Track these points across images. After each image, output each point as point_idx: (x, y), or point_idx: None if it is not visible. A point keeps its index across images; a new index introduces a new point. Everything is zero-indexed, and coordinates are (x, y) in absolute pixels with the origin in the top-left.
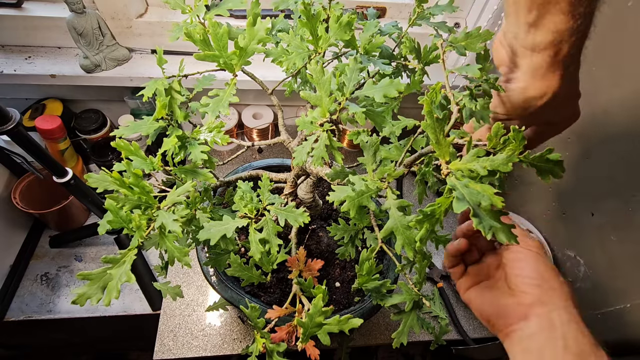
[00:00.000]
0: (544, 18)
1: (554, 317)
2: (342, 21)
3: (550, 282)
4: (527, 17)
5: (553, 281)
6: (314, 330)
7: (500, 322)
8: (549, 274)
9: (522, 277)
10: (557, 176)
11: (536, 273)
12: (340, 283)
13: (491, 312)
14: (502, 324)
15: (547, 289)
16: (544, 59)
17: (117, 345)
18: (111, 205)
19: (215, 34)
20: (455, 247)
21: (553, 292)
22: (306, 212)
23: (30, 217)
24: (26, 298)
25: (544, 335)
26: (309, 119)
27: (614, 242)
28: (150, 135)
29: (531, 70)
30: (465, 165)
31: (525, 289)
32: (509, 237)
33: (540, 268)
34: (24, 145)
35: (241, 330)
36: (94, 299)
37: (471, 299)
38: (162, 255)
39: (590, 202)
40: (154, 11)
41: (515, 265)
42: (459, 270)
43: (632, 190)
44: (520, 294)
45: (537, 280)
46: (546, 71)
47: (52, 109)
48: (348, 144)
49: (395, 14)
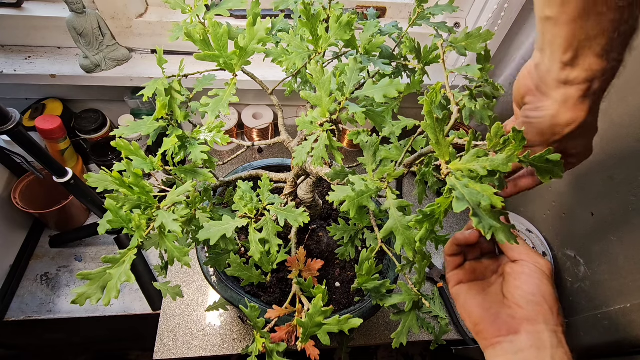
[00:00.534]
0: (579, 59)
1: (545, 338)
2: (342, 21)
3: (549, 304)
4: (562, 57)
5: (552, 304)
6: (314, 330)
7: (487, 329)
8: (550, 297)
9: (522, 290)
10: (557, 176)
11: (538, 291)
12: (340, 283)
13: (479, 316)
14: (490, 332)
15: (544, 310)
16: (576, 92)
17: (117, 345)
18: (111, 205)
19: (215, 34)
20: (465, 238)
21: (549, 314)
22: (306, 212)
23: (30, 217)
24: (26, 298)
25: (533, 353)
26: (309, 119)
27: (614, 242)
28: (150, 135)
29: (563, 100)
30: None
31: (522, 303)
32: (509, 237)
33: (542, 288)
34: (24, 145)
35: (241, 330)
36: (93, 299)
37: (459, 295)
38: (162, 255)
39: (590, 202)
40: (154, 11)
41: (518, 278)
42: (456, 262)
43: (632, 190)
44: (515, 306)
45: (536, 298)
46: (576, 102)
47: (52, 109)
48: (348, 144)
49: (395, 14)
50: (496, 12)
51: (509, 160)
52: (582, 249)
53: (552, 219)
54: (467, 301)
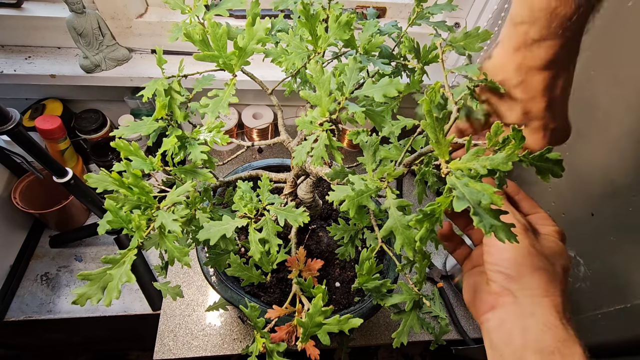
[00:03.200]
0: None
1: (516, 309)
2: (342, 21)
3: (522, 268)
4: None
5: (525, 267)
6: (314, 330)
7: (473, 310)
8: (524, 259)
9: (489, 263)
10: (556, 175)
11: (502, 259)
12: (340, 283)
13: (468, 299)
14: (475, 312)
15: (516, 277)
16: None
17: (117, 345)
18: (111, 205)
19: (215, 34)
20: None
21: (522, 280)
22: (306, 212)
23: (30, 217)
24: (26, 298)
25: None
26: (308, 119)
27: (614, 242)
28: (150, 135)
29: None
30: (464, 165)
31: (493, 276)
32: (509, 236)
33: (506, 254)
34: (24, 145)
35: (241, 330)
36: (94, 299)
37: (465, 282)
38: (162, 255)
39: (590, 202)
40: (154, 11)
41: (486, 251)
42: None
43: (632, 191)
44: (490, 282)
45: (505, 268)
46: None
47: (52, 109)
48: (348, 143)
49: (395, 13)
50: (496, 12)
51: (509, 159)
52: (582, 249)
53: None
54: (464, 288)
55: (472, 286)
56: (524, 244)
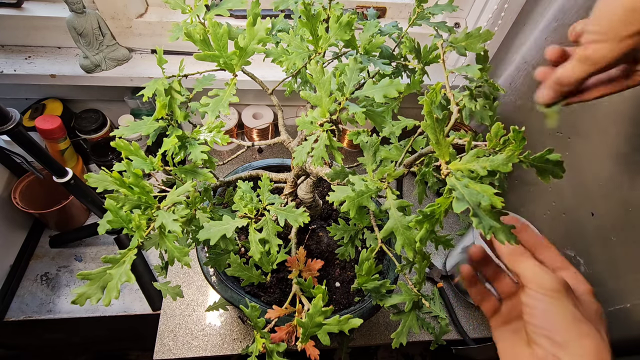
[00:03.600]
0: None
1: None
2: (342, 21)
3: (569, 334)
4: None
5: (572, 333)
6: (314, 330)
7: None
8: (571, 324)
9: (532, 325)
10: (557, 176)
11: (547, 322)
12: (340, 283)
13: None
14: None
15: (563, 343)
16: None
17: (117, 345)
18: (111, 205)
19: (215, 34)
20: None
21: (570, 346)
22: (306, 212)
23: (30, 217)
24: (26, 298)
25: None
26: (309, 119)
27: (614, 242)
28: (150, 135)
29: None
30: (465, 166)
31: (537, 339)
32: (509, 237)
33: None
34: (24, 145)
35: (241, 330)
36: (93, 299)
37: (498, 340)
38: (162, 255)
39: (590, 202)
40: (154, 11)
41: (527, 311)
42: (491, 306)
43: (632, 191)
44: (533, 344)
45: (546, 331)
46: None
47: (52, 109)
48: (348, 144)
49: (395, 14)
50: (496, 12)
51: (509, 160)
52: (582, 249)
53: (552, 219)
54: (500, 347)
55: (510, 347)
56: (568, 307)
